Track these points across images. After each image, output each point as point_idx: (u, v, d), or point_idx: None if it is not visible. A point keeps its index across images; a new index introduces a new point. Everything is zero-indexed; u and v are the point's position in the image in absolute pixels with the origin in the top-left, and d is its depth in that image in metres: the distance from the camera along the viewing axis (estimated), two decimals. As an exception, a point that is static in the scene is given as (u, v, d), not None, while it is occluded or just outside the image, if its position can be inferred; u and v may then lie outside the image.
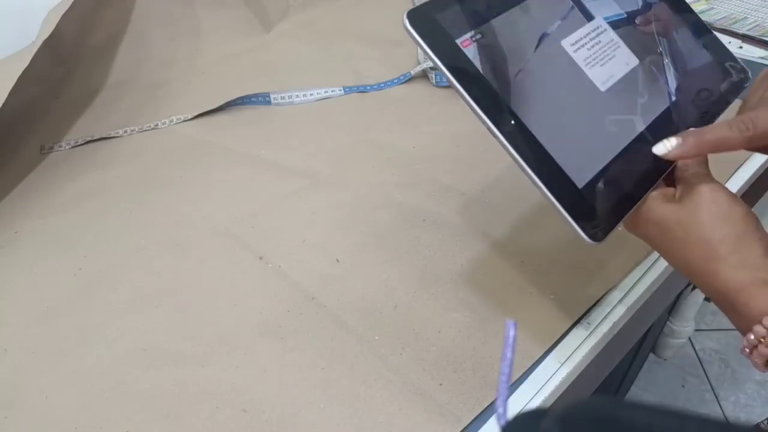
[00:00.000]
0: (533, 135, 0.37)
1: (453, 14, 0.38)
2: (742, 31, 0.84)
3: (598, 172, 0.39)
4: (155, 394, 0.44)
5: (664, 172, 0.41)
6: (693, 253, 0.36)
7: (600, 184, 0.38)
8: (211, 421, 0.42)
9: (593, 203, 0.38)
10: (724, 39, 0.50)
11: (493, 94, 0.37)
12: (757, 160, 0.62)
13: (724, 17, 0.88)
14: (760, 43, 0.83)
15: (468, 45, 0.37)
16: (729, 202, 0.36)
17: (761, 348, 0.33)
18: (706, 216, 0.36)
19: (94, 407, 0.43)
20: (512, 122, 0.37)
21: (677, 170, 0.41)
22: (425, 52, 0.36)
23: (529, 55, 0.40)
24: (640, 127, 0.42)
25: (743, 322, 0.35)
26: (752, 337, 0.33)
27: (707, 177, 0.39)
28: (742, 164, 0.61)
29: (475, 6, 0.39)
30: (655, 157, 0.41)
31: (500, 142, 0.36)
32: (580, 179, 0.38)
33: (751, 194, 0.64)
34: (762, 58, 0.80)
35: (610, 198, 0.38)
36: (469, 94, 0.36)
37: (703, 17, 0.49)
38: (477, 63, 0.37)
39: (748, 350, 0.34)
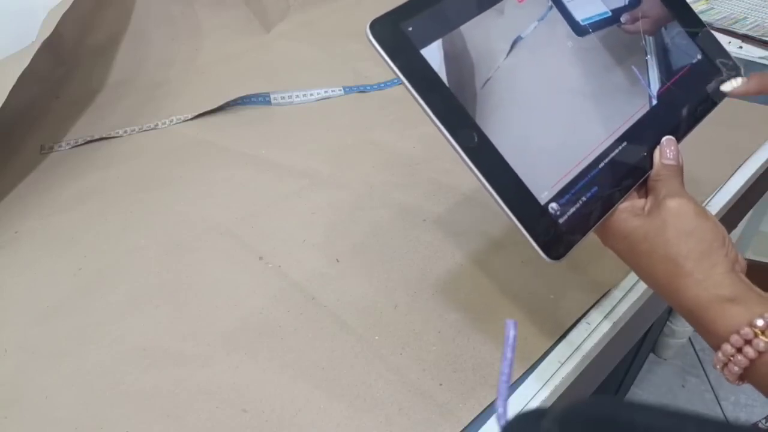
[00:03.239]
0: (497, 150, 0.36)
1: (420, 22, 0.36)
2: (742, 31, 0.84)
3: (563, 188, 0.38)
4: (155, 394, 0.44)
5: (634, 184, 0.40)
6: (658, 269, 0.36)
7: (563, 200, 0.37)
8: (211, 421, 0.42)
9: (555, 220, 0.37)
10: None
11: (457, 108, 0.35)
12: (756, 160, 0.62)
13: (724, 17, 0.88)
14: (760, 43, 0.83)
15: (434, 55, 0.36)
16: (695, 218, 0.36)
17: (731, 366, 0.33)
18: (672, 232, 0.36)
19: (94, 407, 0.43)
20: (475, 138, 0.35)
21: (649, 180, 0.40)
22: (388, 65, 0.35)
23: (499, 62, 0.38)
24: (613, 137, 0.40)
25: (711, 339, 0.35)
26: (721, 355, 0.34)
27: (678, 190, 0.38)
28: (742, 164, 0.61)
29: (443, 12, 0.37)
30: (626, 168, 0.40)
31: (462, 158, 0.35)
32: (544, 195, 0.37)
33: (750, 194, 0.64)
34: (762, 58, 0.80)
35: (573, 215, 0.37)
36: (432, 109, 0.35)
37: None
38: (443, 74, 0.36)
39: (719, 367, 0.34)
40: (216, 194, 0.62)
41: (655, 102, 0.43)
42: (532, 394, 0.43)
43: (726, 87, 0.44)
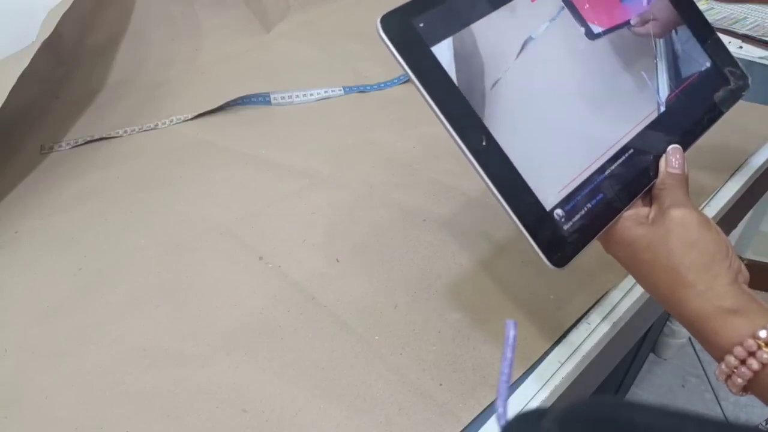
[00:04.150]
0: (504, 153, 0.36)
1: (431, 18, 0.35)
2: (742, 31, 0.85)
3: (569, 194, 0.37)
4: (155, 394, 0.44)
5: (639, 192, 0.40)
6: (661, 279, 0.36)
7: (569, 207, 0.37)
8: (211, 421, 0.42)
9: (560, 226, 0.36)
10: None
11: (466, 108, 0.35)
12: (755, 161, 0.62)
13: (724, 17, 0.88)
14: (760, 43, 0.83)
15: (444, 53, 0.35)
16: (699, 229, 0.36)
17: (734, 378, 0.33)
18: (675, 242, 0.36)
19: (94, 407, 0.43)
20: (483, 140, 0.35)
21: (654, 189, 0.40)
22: (397, 61, 0.34)
23: (509, 63, 0.37)
24: (620, 144, 0.40)
25: (714, 350, 0.35)
26: (724, 367, 0.34)
27: (682, 200, 0.38)
28: (741, 164, 0.61)
29: (455, 9, 0.36)
30: (632, 176, 0.39)
31: (468, 159, 0.35)
32: (550, 200, 0.36)
33: (750, 195, 0.64)
34: (762, 58, 0.80)
35: (577, 222, 0.37)
36: (440, 109, 0.34)
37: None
38: (452, 73, 0.35)
39: (722, 378, 0.34)
40: (216, 194, 0.62)
41: (663, 109, 0.43)
42: (532, 394, 0.43)
43: None
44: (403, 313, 0.49)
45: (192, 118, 0.73)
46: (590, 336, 0.47)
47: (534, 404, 0.42)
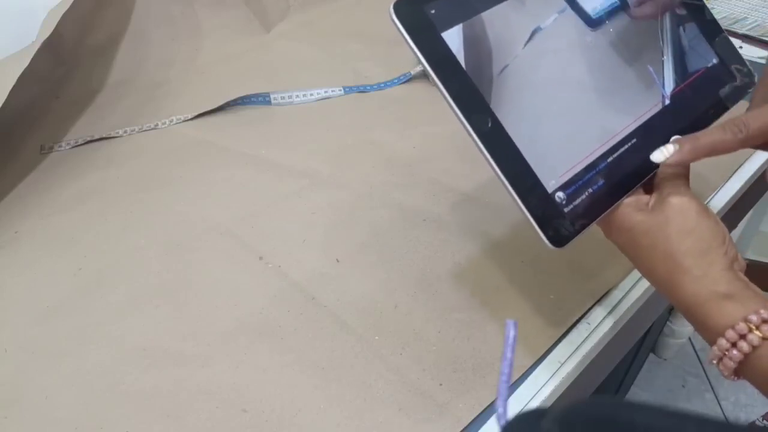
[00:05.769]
0: (509, 136, 0.37)
1: (443, 5, 0.37)
2: (742, 31, 0.84)
3: (571, 178, 0.38)
4: (155, 394, 0.44)
5: (640, 180, 0.40)
6: (658, 264, 0.37)
7: (570, 190, 0.38)
8: (211, 421, 0.42)
9: (560, 208, 0.37)
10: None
11: (473, 92, 0.36)
12: (757, 160, 0.62)
13: (724, 17, 0.88)
14: (760, 43, 0.83)
15: (454, 39, 0.37)
16: (697, 216, 0.37)
17: (725, 360, 0.34)
18: (673, 229, 0.36)
19: (94, 407, 0.43)
20: (489, 123, 0.36)
21: (655, 178, 0.40)
22: (408, 45, 0.36)
23: (517, 51, 0.39)
24: (624, 133, 0.41)
25: (708, 335, 0.35)
26: (716, 350, 0.34)
27: (682, 188, 0.39)
28: (742, 164, 0.61)
29: None
30: (634, 164, 0.40)
31: (474, 141, 0.36)
32: (551, 183, 0.37)
33: (750, 194, 0.64)
34: (762, 58, 0.80)
35: (578, 205, 0.38)
36: (449, 91, 0.36)
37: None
38: (461, 58, 0.36)
39: (714, 362, 0.35)
40: (216, 194, 0.62)
41: (668, 102, 0.43)
42: (532, 394, 0.43)
43: (656, 157, 0.39)
44: (403, 313, 0.49)
45: (192, 118, 0.73)
46: (590, 336, 0.47)
47: (534, 404, 0.42)
